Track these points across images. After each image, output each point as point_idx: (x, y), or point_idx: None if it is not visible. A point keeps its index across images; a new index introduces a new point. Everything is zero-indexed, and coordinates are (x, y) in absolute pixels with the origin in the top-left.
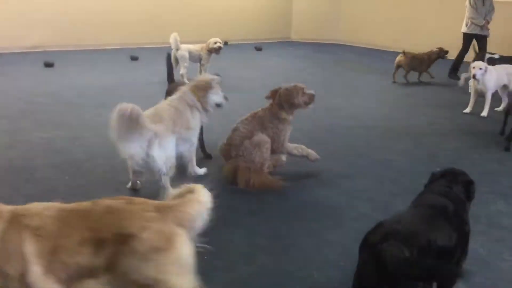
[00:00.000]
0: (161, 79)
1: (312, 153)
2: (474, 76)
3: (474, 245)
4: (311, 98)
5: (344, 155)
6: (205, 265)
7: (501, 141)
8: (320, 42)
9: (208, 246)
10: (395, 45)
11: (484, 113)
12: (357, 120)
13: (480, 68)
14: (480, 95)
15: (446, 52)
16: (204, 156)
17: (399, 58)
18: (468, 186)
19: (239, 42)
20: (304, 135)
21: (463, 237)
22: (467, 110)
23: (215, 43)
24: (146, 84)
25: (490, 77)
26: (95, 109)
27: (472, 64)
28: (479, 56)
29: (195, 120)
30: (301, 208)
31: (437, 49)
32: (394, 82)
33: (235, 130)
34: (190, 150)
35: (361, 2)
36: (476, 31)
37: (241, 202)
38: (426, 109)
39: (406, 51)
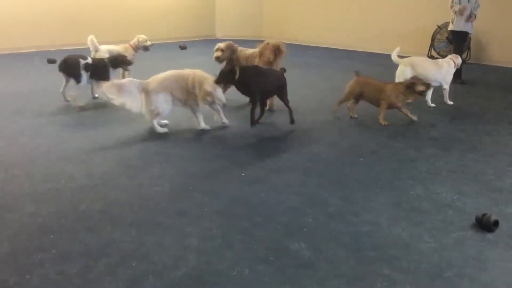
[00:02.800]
0: None
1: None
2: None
3: (396, 229)
4: None
5: (272, 150)
6: (135, 271)
7: (417, 129)
8: (245, 39)
9: None
10: (317, 40)
11: None
12: (284, 114)
13: None
14: None
15: None
16: None
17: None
18: None
19: (163, 41)
20: (231, 130)
21: None
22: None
23: (146, 40)
24: None
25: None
26: (9, 116)
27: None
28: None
29: None
30: (230, 206)
31: None
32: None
33: None
34: None
35: None
36: (460, 27)
37: (169, 202)
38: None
39: None
